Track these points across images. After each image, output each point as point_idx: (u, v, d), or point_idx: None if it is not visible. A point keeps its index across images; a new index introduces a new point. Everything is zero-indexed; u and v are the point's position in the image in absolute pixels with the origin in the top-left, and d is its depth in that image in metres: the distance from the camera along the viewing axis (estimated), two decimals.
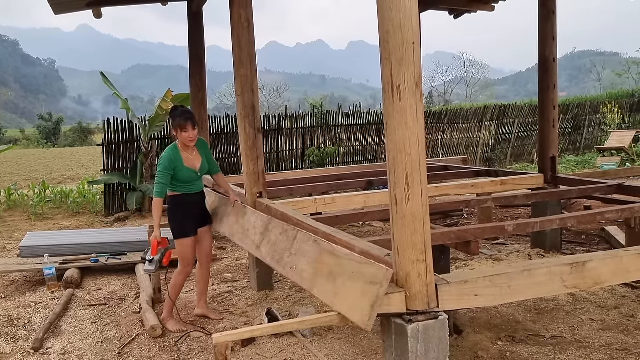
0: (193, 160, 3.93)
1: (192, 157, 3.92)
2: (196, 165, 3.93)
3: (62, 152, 28.24)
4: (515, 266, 2.71)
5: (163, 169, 3.76)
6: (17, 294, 4.92)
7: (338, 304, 2.53)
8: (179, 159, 3.83)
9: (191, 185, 3.94)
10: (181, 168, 3.83)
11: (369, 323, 2.30)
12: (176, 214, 3.91)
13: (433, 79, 55.44)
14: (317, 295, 2.76)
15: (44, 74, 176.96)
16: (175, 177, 3.82)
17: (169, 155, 3.80)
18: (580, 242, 6.03)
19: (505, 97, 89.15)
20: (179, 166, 3.81)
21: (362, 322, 2.32)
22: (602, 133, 16.84)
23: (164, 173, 3.76)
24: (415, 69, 2.28)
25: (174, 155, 3.81)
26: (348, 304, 2.47)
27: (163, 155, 3.84)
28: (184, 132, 3.77)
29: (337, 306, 2.52)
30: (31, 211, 8.96)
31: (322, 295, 2.70)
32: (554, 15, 5.65)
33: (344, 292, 2.55)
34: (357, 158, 12.33)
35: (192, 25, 7.39)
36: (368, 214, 4.64)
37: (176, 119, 3.79)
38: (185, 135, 3.78)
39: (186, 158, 3.87)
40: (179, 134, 3.80)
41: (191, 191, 3.96)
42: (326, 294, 2.66)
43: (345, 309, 2.46)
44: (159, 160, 3.85)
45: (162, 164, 3.79)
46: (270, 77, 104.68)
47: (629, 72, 45.58)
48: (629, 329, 3.62)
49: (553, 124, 5.78)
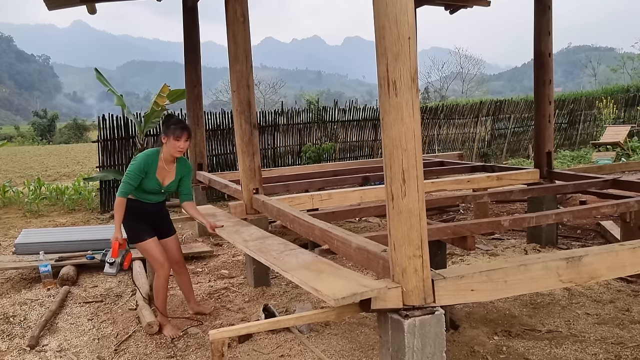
0: (166, 174, 3.73)
1: (166, 170, 3.72)
2: (165, 180, 3.74)
3: (57, 148, 28.13)
4: (511, 261, 2.71)
5: (136, 170, 3.57)
6: (12, 291, 4.90)
7: (314, 283, 2.52)
8: (154, 166, 3.65)
9: (148, 195, 3.73)
10: (151, 176, 3.64)
11: (340, 301, 2.27)
12: (127, 218, 3.66)
13: (429, 75, 55.50)
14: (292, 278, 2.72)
15: (38, 70, 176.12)
16: (142, 182, 3.64)
17: (147, 159, 3.63)
18: (576, 236, 6.06)
19: (501, 93, 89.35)
20: (149, 173, 3.63)
21: (333, 296, 2.29)
22: (598, 128, 16.88)
23: (135, 174, 3.57)
24: (411, 64, 2.27)
25: (151, 160, 3.64)
26: (325, 285, 2.48)
27: (140, 156, 3.67)
28: (176, 140, 3.59)
29: (312, 284, 2.51)
30: (26, 208, 8.93)
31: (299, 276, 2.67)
32: (550, 10, 5.65)
33: (327, 281, 2.56)
34: (354, 154, 12.32)
35: (187, 21, 7.37)
36: (364, 210, 4.64)
37: (172, 126, 3.61)
38: (177, 145, 3.60)
39: (161, 168, 3.69)
40: (170, 142, 3.61)
41: (144, 200, 3.74)
42: (304, 277, 2.64)
43: (321, 287, 2.45)
44: (134, 160, 3.66)
45: (136, 164, 3.59)
46: (266, 73, 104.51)
47: (624, 67, 45.67)
48: (624, 322, 3.65)
49: (549, 119, 5.79)
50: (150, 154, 3.68)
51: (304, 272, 2.74)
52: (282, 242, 3.51)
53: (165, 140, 3.65)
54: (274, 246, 3.41)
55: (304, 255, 3.11)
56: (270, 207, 4.35)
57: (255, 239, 3.69)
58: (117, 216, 3.62)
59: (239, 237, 3.80)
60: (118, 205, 3.62)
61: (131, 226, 3.72)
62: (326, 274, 2.69)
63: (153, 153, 3.70)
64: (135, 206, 3.71)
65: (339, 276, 2.62)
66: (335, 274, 2.67)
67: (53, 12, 5.89)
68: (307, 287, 2.54)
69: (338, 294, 2.31)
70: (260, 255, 3.25)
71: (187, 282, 4.11)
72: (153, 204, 3.81)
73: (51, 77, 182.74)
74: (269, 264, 3.09)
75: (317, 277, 2.63)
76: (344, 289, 2.38)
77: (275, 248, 3.36)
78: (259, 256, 3.25)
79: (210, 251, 5.97)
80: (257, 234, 3.85)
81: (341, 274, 2.65)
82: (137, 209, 3.72)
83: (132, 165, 3.62)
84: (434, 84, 53.11)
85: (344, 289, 2.37)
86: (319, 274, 2.69)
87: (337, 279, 2.58)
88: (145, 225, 3.75)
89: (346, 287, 2.40)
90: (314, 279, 2.59)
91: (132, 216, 3.69)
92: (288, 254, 3.18)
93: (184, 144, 3.64)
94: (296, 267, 2.86)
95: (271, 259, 3.09)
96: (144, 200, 3.75)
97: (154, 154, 3.69)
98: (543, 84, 5.76)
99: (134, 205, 3.70)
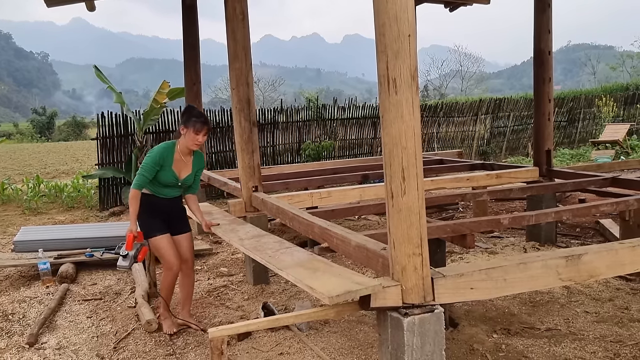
0: (183, 166, 3.70)
1: (184, 162, 3.70)
2: (182, 173, 3.70)
3: (56, 146, 28.07)
4: (511, 259, 2.71)
5: (152, 162, 3.55)
6: (11, 289, 4.90)
7: (309, 281, 2.52)
8: (170, 158, 3.62)
9: (164, 189, 3.69)
10: (167, 169, 3.61)
11: (335, 299, 2.28)
12: (141, 212, 3.61)
13: (428, 73, 55.45)
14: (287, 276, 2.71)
15: (37, 67, 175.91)
16: (158, 175, 3.60)
17: (163, 151, 3.60)
18: (575, 235, 6.06)
19: (500, 91, 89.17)
20: (165, 166, 3.60)
21: (327, 294, 2.30)
22: (597, 126, 16.88)
23: (151, 166, 3.54)
24: (411, 61, 2.26)
25: (167, 153, 3.61)
26: (320, 283, 2.47)
27: (156, 148, 3.64)
28: (196, 134, 3.56)
29: (307, 281, 2.51)
30: (25, 206, 8.92)
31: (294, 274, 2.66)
32: (550, 8, 5.64)
33: (322, 279, 2.56)
34: (353, 152, 12.31)
35: (187, 18, 7.35)
36: (364, 208, 4.63)
37: (192, 119, 3.57)
38: (196, 138, 3.58)
39: (177, 161, 3.66)
40: (189, 134, 3.57)
41: (160, 195, 3.70)
42: (299, 275, 2.64)
43: (316, 285, 2.45)
44: (150, 152, 3.62)
45: (152, 157, 3.57)
46: (265, 70, 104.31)
47: (623, 65, 45.69)
48: (623, 321, 3.65)
49: (548, 117, 5.79)
50: (167, 147, 3.65)
51: (299, 270, 2.75)
52: (277, 240, 3.51)
53: (185, 132, 3.61)
54: (270, 244, 3.41)
55: (299, 253, 3.11)
56: (270, 205, 4.35)
57: (251, 237, 3.68)
58: (132, 209, 3.56)
59: (235, 235, 3.79)
60: (133, 197, 3.56)
61: (144, 220, 3.65)
62: (321, 271, 2.69)
63: (169, 146, 3.67)
64: (150, 201, 3.66)
65: (334, 274, 2.62)
66: (330, 272, 2.67)
67: (52, 9, 5.88)
68: (302, 285, 2.54)
69: (332, 292, 2.32)
70: (255, 253, 3.25)
71: (189, 285, 3.95)
72: (169, 199, 3.75)
73: (50, 75, 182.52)
74: (264, 262, 3.09)
75: (312, 275, 2.63)
76: (338, 286, 2.38)
77: (270, 246, 3.35)
78: (255, 254, 3.25)
79: (210, 249, 5.97)
80: (253, 232, 3.84)
81: (335, 272, 2.65)
82: (152, 203, 3.67)
83: (148, 157, 3.59)
84: (433, 81, 53.08)
85: (338, 287, 2.37)
86: (314, 272, 2.69)
87: (332, 276, 2.58)
88: (158, 221, 3.69)
89: (340, 284, 2.41)
90: (308, 277, 2.59)
91: (146, 211, 3.64)
92: (283, 252, 3.17)
93: (203, 138, 3.61)
94: (291, 265, 2.86)
95: (267, 257, 3.09)
96: (159, 195, 3.71)
97: (170, 147, 3.66)
98: (543, 82, 5.76)
99: (149, 200, 3.66)
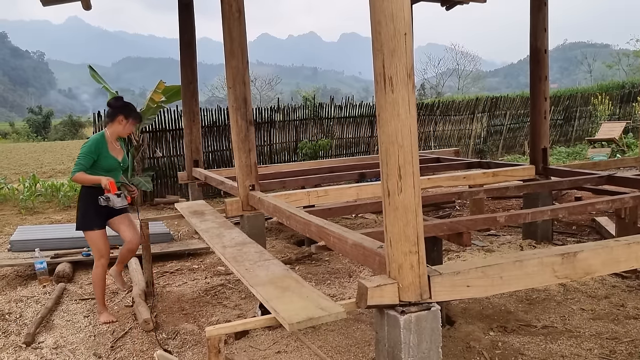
0: (117, 151, 4.09)
1: (115, 148, 4.08)
2: (119, 156, 4.09)
3: (53, 145, 28.01)
4: (507, 257, 2.71)
5: (87, 151, 3.87)
6: (8, 289, 4.89)
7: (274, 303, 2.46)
8: (105, 146, 3.96)
9: (111, 174, 3.98)
10: (106, 155, 3.95)
11: (295, 325, 2.21)
12: (83, 204, 3.97)
13: (425, 71, 55.54)
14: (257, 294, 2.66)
15: (33, 66, 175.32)
16: (98, 164, 3.91)
17: (97, 140, 3.94)
18: (571, 232, 6.08)
19: (496, 89, 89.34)
20: (103, 153, 3.93)
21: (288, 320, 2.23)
22: (593, 124, 16.93)
23: (87, 156, 3.86)
24: (407, 60, 2.27)
25: (100, 142, 3.94)
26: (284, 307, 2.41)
27: (90, 140, 3.97)
28: (133, 125, 4.07)
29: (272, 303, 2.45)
30: (21, 205, 8.89)
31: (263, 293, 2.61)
32: (546, 6, 5.65)
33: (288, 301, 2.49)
34: (350, 150, 12.32)
35: (183, 17, 7.33)
36: (360, 206, 4.64)
37: (133, 113, 4.07)
38: (129, 129, 4.08)
39: (111, 148, 4.03)
40: (123, 124, 4.01)
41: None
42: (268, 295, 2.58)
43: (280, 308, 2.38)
44: (84, 144, 3.95)
45: (87, 146, 3.90)
46: (262, 69, 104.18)
47: (619, 63, 45.85)
48: (619, 318, 3.67)
49: (544, 115, 5.80)
50: (98, 138, 3.98)
51: (270, 288, 2.68)
52: (259, 250, 3.43)
53: (123, 122, 4.01)
54: (250, 255, 3.32)
55: (275, 267, 3.03)
56: (267, 204, 4.35)
57: (234, 244, 3.60)
58: (89, 178, 3.85)
59: (219, 241, 3.71)
60: (79, 178, 3.85)
61: (86, 212, 3.96)
62: (290, 292, 2.61)
63: (100, 136, 4.00)
64: (96, 193, 3.90)
65: (302, 296, 2.54)
66: (299, 293, 2.58)
67: (48, 8, 5.87)
68: (268, 306, 2.46)
69: (294, 318, 2.24)
70: (234, 264, 3.16)
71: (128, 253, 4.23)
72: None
73: (46, 74, 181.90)
74: (239, 276, 3.00)
75: (280, 296, 2.56)
76: (301, 311, 2.31)
77: (250, 257, 3.26)
78: (233, 265, 3.16)
79: (207, 248, 5.96)
80: (238, 238, 3.75)
81: (304, 293, 2.57)
82: (97, 194, 3.90)
83: (84, 148, 3.91)
84: (430, 80, 53.14)
85: (301, 312, 2.30)
86: (284, 291, 2.62)
87: (299, 299, 2.50)
88: (95, 216, 3.96)
89: (304, 309, 2.34)
90: (275, 298, 2.52)
91: (87, 203, 3.94)
92: (261, 265, 3.09)
93: (134, 129, 4.25)
94: (263, 282, 2.79)
95: (242, 271, 3.00)
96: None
97: (101, 137, 3.99)
98: (539, 81, 5.77)
99: (95, 193, 3.90)
